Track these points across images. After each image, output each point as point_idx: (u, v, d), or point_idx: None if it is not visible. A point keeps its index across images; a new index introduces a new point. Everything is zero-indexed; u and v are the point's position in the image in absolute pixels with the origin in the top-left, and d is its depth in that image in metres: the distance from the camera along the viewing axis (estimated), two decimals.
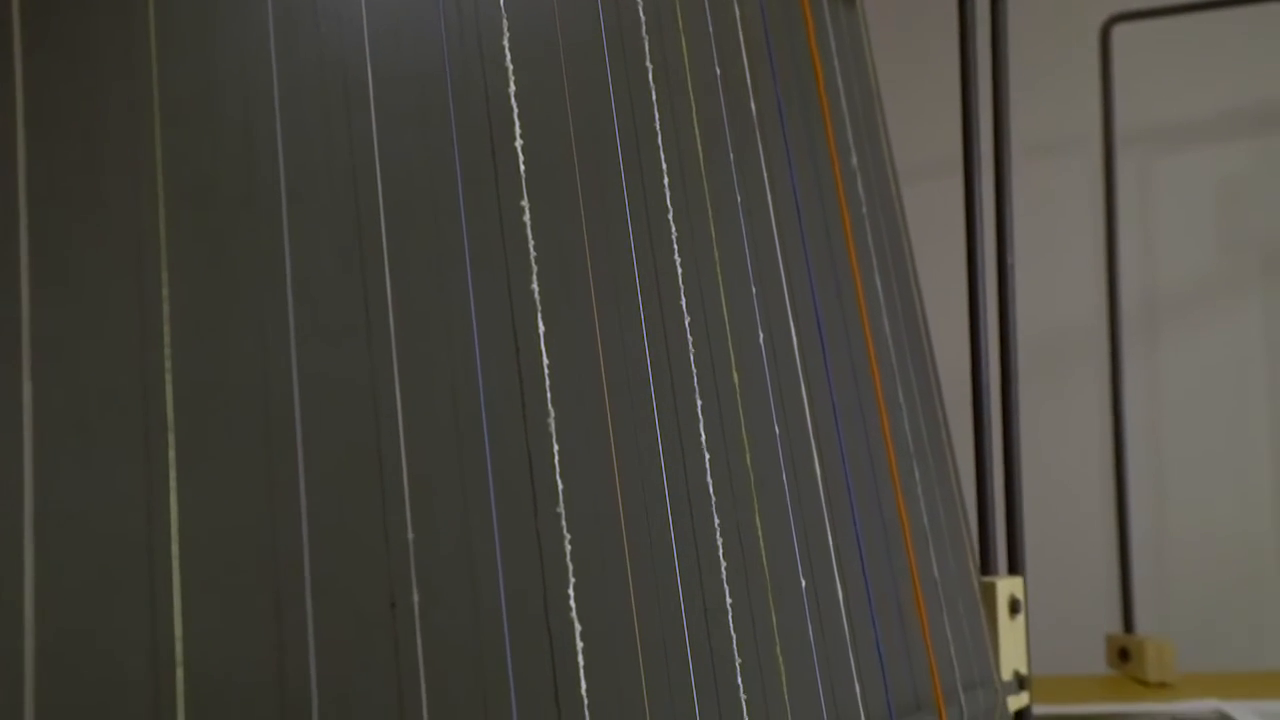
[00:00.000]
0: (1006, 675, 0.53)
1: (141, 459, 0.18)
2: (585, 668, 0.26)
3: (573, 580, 0.27)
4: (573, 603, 0.26)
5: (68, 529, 0.17)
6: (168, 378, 0.18)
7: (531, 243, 0.27)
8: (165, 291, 0.19)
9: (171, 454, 0.18)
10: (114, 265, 0.18)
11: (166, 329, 0.18)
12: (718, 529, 0.33)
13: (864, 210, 0.47)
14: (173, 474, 0.18)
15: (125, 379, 0.18)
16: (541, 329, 0.27)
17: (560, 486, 0.27)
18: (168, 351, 0.18)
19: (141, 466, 0.18)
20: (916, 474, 0.46)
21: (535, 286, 0.27)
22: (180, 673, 0.17)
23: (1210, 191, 0.98)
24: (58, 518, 0.17)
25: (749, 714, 0.32)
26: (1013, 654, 0.54)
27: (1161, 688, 0.80)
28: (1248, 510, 0.98)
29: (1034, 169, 1.00)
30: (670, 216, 0.34)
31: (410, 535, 0.22)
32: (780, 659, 0.35)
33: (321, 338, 0.21)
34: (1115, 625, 0.91)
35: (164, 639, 0.17)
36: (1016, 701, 0.53)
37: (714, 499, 0.33)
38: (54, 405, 0.17)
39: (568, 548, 0.27)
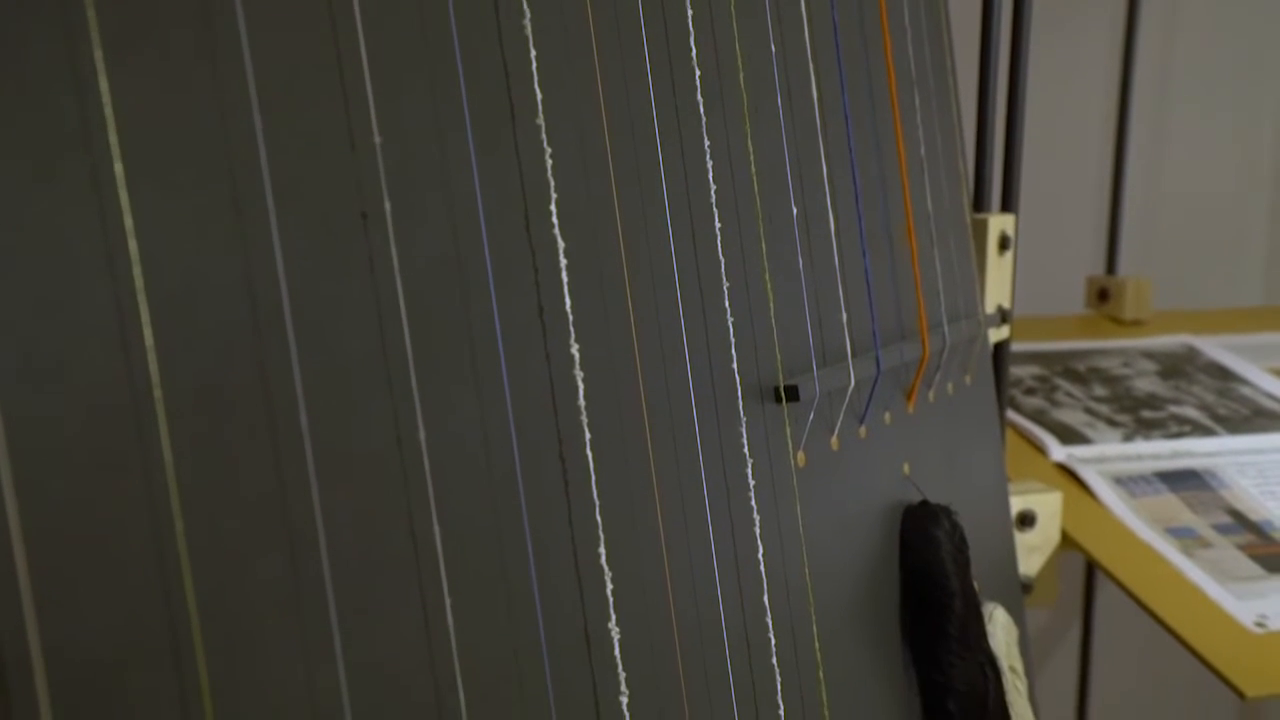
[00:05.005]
0: (990, 309, 0.53)
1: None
2: (569, 274, 0.25)
3: (555, 197, 0.26)
4: (555, 220, 0.25)
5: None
6: None
7: None
8: None
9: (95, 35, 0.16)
10: None
11: None
12: (707, 151, 0.32)
13: None
14: (99, 52, 0.16)
15: None
16: None
17: (539, 96, 0.25)
18: None
19: (63, 46, 0.16)
20: (916, 102, 0.44)
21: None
22: (138, 271, 0.16)
23: None
24: None
25: (735, 337, 0.32)
26: (998, 289, 0.54)
27: (1136, 325, 0.82)
28: (1244, 161, 0.96)
29: None
30: None
31: (378, 139, 0.21)
32: (768, 285, 0.34)
33: None
34: (1099, 269, 0.92)
35: (114, 231, 0.16)
36: (997, 334, 0.55)
37: (704, 119, 0.31)
38: None
39: (549, 163, 0.25)
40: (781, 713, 0.32)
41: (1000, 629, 0.44)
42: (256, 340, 0.18)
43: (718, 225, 0.32)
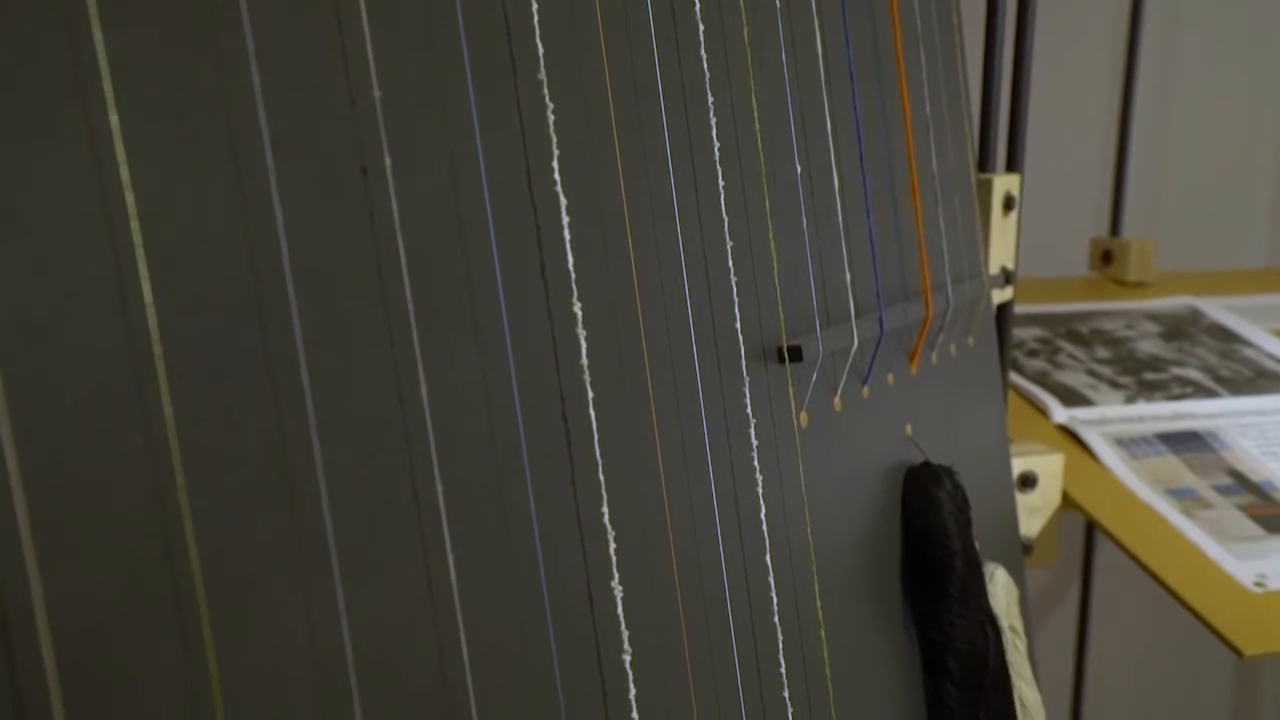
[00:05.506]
0: (994, 270, 0.53)
1: None
2: (571, 232, 0.25)
3: (556, 154, 0.25)
4: (557, 176, 0.25)
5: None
6: None
7: None
8: None
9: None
10: None
11: None
12: (711, 108, 0.31)
13: None
14: (93, 1, 0.16)
15: None
16: None
17: (541, 50, 0.25)
18: None
19: None
20: (922, 60, 0.44)
21: None
22: (136, 225, 0.16)
23: None
24: None
25: (738, 297, 0.32)
26: (1002, 250, 0.54)
27: (1139, 287, 0.82)
28: (1250, 123, 0.95)
29: None
30: None
31: (377, 94, 0.21)
32: (772, 244, 0.34)
33: None
34: (1102, 231, 0.91)
35: (111, 184, 0.15)
36: (1001, 295, 0.54)
37: (707, 74, 0.31)
38: None
39: (551, 118, 0.25)
40: (783, 671, 0.33)
41: (1001, 589, 0.45)
42: (257, 295, 0.18)
43: (721, 184, 0.31)
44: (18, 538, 0.15)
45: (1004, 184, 0.53)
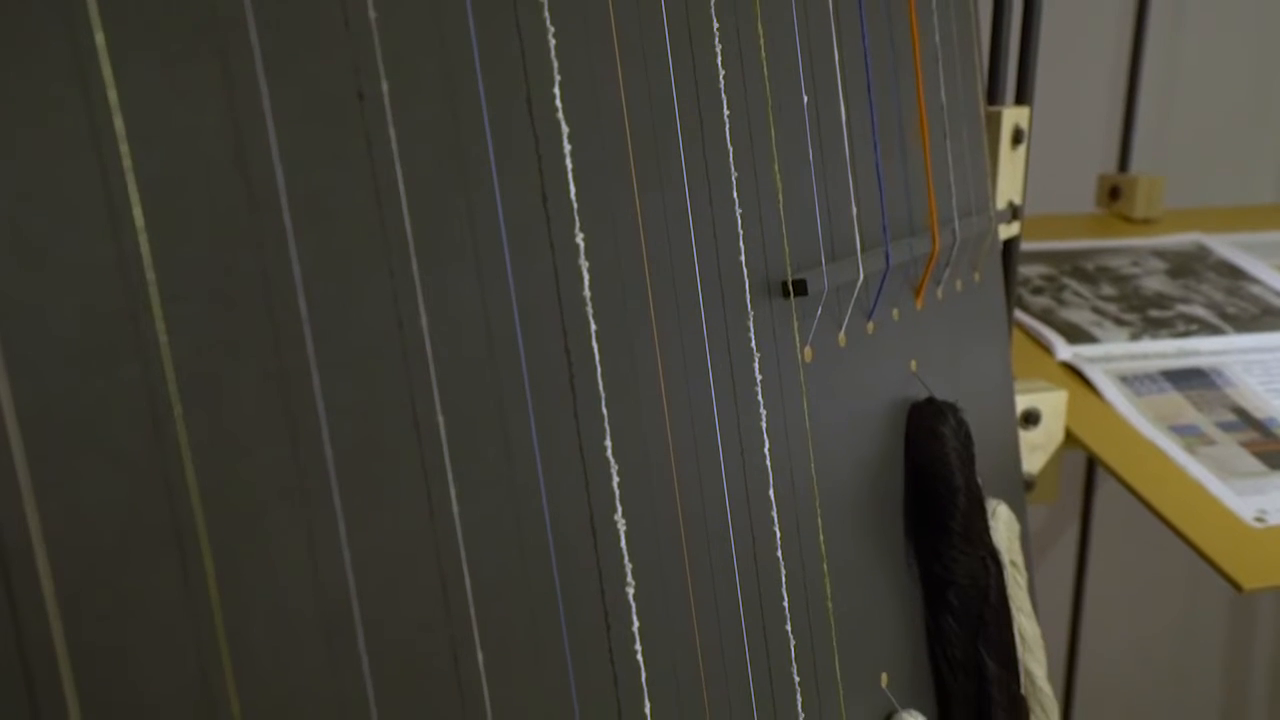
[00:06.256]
0: (1001, 205, 0.52)
1: None
2: (574, 161, 0.25)
3: (558, 79, 0.25)
4: (559, 103, 0.25)
5: None
6: None
7: None
8: None
9: None
10: None
11: None
12: (716, 34, 0.30)
13: None
14: None
15: None
16: None
17: None
18: None
19: None
20: None
21: None
22: (126, 149, 0.15)
23: None
24: None
25: (743, 229, 0.32)
26: (1009, 185, 0.53)
27: (1147, 224, 0.81)
28: (1261, 58, 0.94)
29: None
30: None
31: (372, 15, 0.20)
32: (777, 176, 0.34)
33: None
34: (1110, 168, 0.90)
35: (99, 106, 0.15)
36: (1007, 231, 0.54)
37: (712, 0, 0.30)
38: None
39: (552, 43, 0.24)
40: (786, 604, 0.33)
41: (1002, 524, 0.45)
42: (252, 222, 0.17)
43: (726, 113, 0.31)
44: (13, 470, 0.14)
45: (1013, 116, 0.52)
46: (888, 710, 0.39)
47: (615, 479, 0.26)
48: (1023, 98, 0.56)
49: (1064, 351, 0.64)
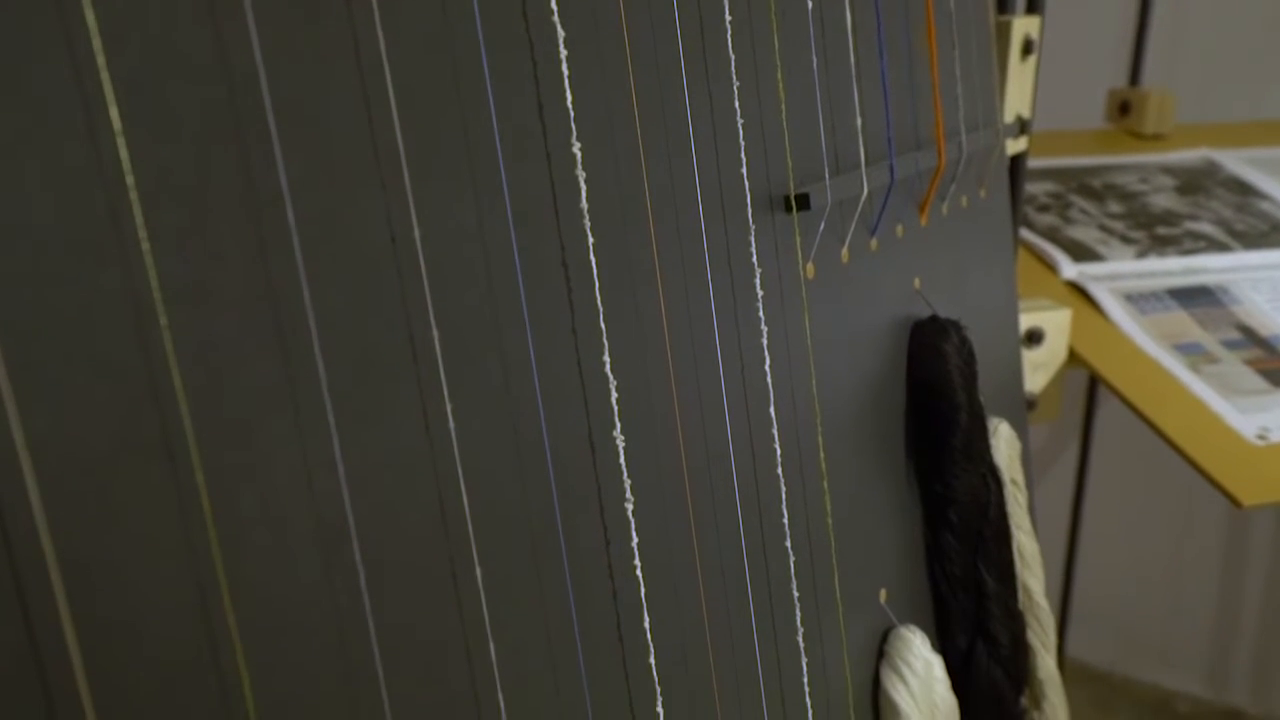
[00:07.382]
0: (1009, 118, 0.51)
1: None
2: (570, 67, 0.24)
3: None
4: (554, 5, 0.24)
5: None
6: None
7: None
8: None
9: None
10: None
11: None
12: None
13: None
14: None
15: None
16: None
17: None
18: None
19: None
20: None
21: None
22: (99, 44, 0.15)
23: None
24: None
25: (745, 141, 0.31)
26: (1018, 98, 0.52)
27: (1156, 140, 0.80)
28: None
29: None
30: None
31: None
32: (781, 86, 0.33)
33: None
34: (1120, 83, 0.88)
35: (69, 3, 0.14)
36: (1015, 145, 0.53)
37: None
38: None
39: None
40: (786, 521, 0.33)
41: (1004, 442, 0.45)
42: (235, 125, 0.17)
43: (728, 18, 0.30)
44: None
45: (1024, 26, 0.51)
46: (886, 625, 0.39)
47: (614, 395, 0.25)
48: (1034, 7, 0.55)
49: (1069, 270, 0.64)
